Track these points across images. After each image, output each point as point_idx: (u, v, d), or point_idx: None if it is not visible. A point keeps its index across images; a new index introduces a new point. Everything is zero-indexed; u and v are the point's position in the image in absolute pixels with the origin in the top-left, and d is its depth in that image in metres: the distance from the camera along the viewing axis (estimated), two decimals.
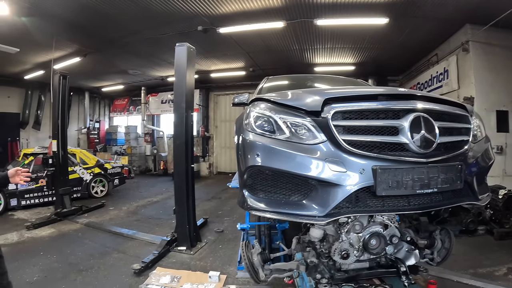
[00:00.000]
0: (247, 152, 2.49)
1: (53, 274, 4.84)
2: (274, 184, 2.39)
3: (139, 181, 13.18)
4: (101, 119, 18.45)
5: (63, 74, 8.00)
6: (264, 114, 2.53)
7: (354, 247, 2.51)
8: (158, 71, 12.91)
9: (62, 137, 7.95)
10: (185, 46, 5.57)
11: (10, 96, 14.48)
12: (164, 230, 6.48)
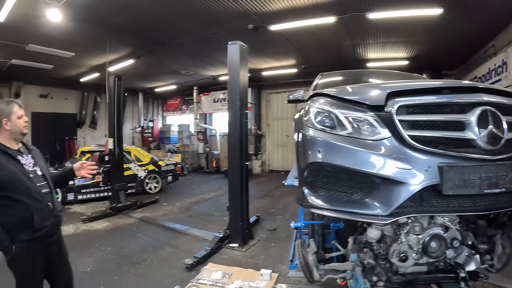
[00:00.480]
0: (308, 148, 2.42)
1: (107, 265, 4.99)
2: (335, 182, 2.32)
3: (192, 178, 13.37)
4: (155, 118, 19.01)
5: (117, 75, 8.31)
6: (324, 109, 2.45)
7: (413, 249, 2.35)
8: (210, 71, 13.02)
9: (118, 136, 8.26)
10: (237, 44, 5.55)
11: (68, 98, 15.30)
12: (216, 227, 6.52)
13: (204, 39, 8.73)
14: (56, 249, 2.69)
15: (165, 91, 17.15)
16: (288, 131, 14.74)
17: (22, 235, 2.42)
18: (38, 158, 2.76)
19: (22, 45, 8.86)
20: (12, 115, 2.59)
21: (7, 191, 2.40)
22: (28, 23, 7.42)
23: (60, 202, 2.82)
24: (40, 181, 2.60)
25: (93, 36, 8.47)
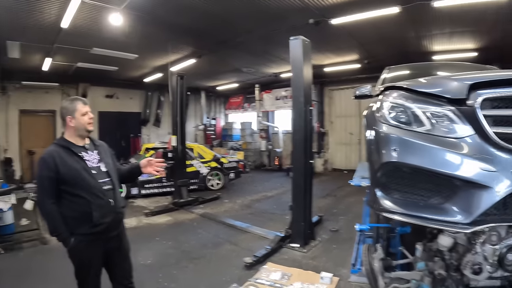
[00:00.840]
0: (382, 146, 2.24)
1: (166, 259, 5.10)
2: (411, 184, 2.11)
3: (254, 175, 13.37)
4: (217, 116, 19.26)
5: (180, 74, 8.52)
6: (399, 104, 2.25)
7: (487, 261, 2.05)
8: (272, 68, 12.92)
9: (181, 133, 8.45)
10: (299, 39, 5.39)
11: (132, 97, 15.96)
12: (277, 226, 6.37)
13: (265, 36, 8.62)
14: (116, 244, 2.75)
15: (227, 89, 17.34)
16: (351, 129, 14.27)
17: (81, 228, 2.51)
18: (104, 154, 2.80)
19: (86, 49, 9.30)
20: (76, 113, 2.63)
21: (69, 186, 2.50)
22: (91, 28, 7.75)
23: (123, 198, 2.86)
24: (102, 177, 2.65)
25: (155, 38, 8.68)
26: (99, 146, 2.82)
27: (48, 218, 2.56)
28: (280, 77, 13.99)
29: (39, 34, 7.97)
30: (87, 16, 7.04)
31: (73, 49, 9.26)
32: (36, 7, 6.53)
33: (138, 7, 6.64)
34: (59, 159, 2.50)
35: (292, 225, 5.54)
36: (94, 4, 6.41)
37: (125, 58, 10.18)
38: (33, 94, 12.90)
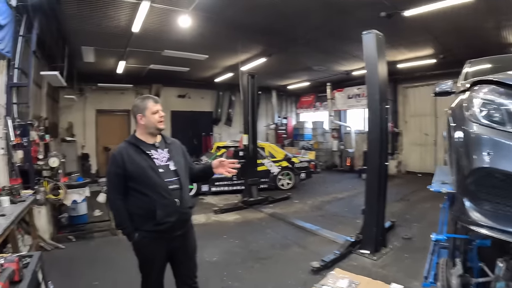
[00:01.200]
0: (472, 149, 1.97)
1: (233, 257, 5.16)
2: (504, 194, 1.83)
3: (325, 176, 13.12)
4: (288, 116, 19.19)
5: (251, 73, 8.60)
6: (491, 100, 1.95)
7: None
8: (343, 65, 12.49)
9: (252, 132, 8.53)
10: (372, 33, 5.10)
11: (204, 97, 16.58)
12: (347, 229, 6.14)
13: (335, 32, 8.33)
14: (180, 243, 2.74)
15: (298, 88, 17.14)
16: (426, 129, 13.27)
17: (145, 225, 2.57)
18: (175, 152, 2.79)
19: (158, 52, 9.73)
20: (146, 111, 2.67)
21: (135, 184, 2.56)
22: (161, 31, 8.03)
23: (192, 199, 2.85)
24: (170, 176, 2.64)
25: (224, 38, 8.77)
26: (171, 144, 2.82)
27: (115, 213, 2.75)
28: (352, 75, 13.49)
29: (112, 39, 8.49)
30: (157, 20, 7.31)
31: (145, 52, 9.74)
32: (108, 14, 6.96)
33: (206, 8, 6.71)
34: (127, 157, 2.58)
35: (364, 230, 5.27)
36: (162, 8, 6.63)
37: (195, 59, 10.50)
38: (109, 95, 14.06)
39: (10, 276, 1.91)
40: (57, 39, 7.96)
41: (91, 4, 6.41)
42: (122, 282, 4.30)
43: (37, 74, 7.77)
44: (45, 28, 7.08)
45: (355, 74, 13.09)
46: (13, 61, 5.83)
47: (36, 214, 5.53)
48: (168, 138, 2.89)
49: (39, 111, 9.02)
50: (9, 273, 1.90)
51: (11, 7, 5.38)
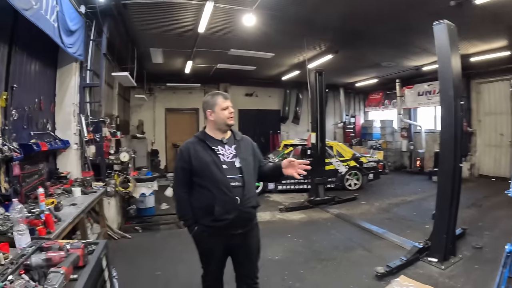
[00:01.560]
0: None
1: (295, 257, 5.11)
2: None
3: (393, 177, 12.55)
4: (356, 114, 18.65)
5: (318, 71, 8.49)
6: None
7: None
8: (412, 61, 11.74)
9: (321, 130, 8.42)
10: (443, 24, 4.69)
11: (271, 95, 16.62)
12: (415, 235, 5.79)
13: (402, 26, 7.85)
14: (241, 242, 2.71)
15: (366, 85, 16.51)
16: (501, 129, 11.96)
17: (204, 220, 2.61)
18: (244, 149, 2.77)
19: (224, 51, 9.86)
20: (216, 107, 2.69)
21: (199, 178, 2.62)
22: (226, 30, 8.10)
23: (257, 198, 2.79)
24: (233, 173, 2.62)
25: (289, 35, 8.64)
26: (240, 141, 2.81)
27: (178, 204, 2.82)
28: (422, 71, 12.61)
29: (178, 40, 8.77)
30: (221, 20, 7.40)
31: (212, 51, 9.92)
32: (174, 16, 7.19)
33: (270, 6, 6.66)
34: (193, 151, 2.64)
35: (433, 236, 4.92)
36: (226, 8, 6.69)
37: (261, 57, 10.48)
38: (177, 95, 14.78)
39: (75, 261, 1.99)
40: (126, 42, 8.43)
41: (157, 8, 6.66)
42: (184, 274, 4.45)
43: (109, 75, 8.31)
44: (114, 32, 7.53)
45: (426, 69, 12.25)
46: (85, 63, 6.33)
47: (105, 205, 5.92)
48: (238, 134, 2.88)
49: (111, 109, 9.63)
50: (74, 258, 1.99)
51: (81, 13, 5.86)
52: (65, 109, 5.83)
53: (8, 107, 4.01)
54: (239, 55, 10.21)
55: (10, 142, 3.91)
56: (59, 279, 1.70)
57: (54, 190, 4.76)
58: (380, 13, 7.14)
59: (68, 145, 5.73)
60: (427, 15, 6.28)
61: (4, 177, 3.84)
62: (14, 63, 4.19)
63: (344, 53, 10.17)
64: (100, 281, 2.25)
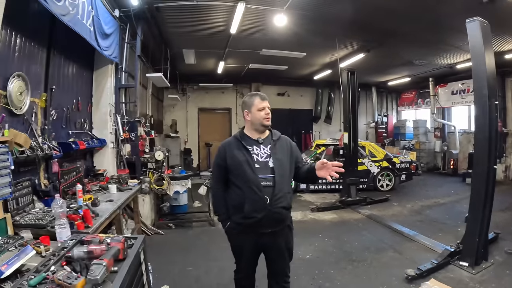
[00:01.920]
0: None
1: (326, 257, 5.09)
2: None
3: (426, 179, 12.24)
4: (389, 114, 18.25)
5: (350, 70, 8.42)
6: None
7: None
8: (445, 58, 11.35)
9: (353, 130, 8.35)
10: (476, 21, 4.54)
11: (303, 95, 16.55)
12: (446, 238, 5.65)
13: (433, 23, 7.59)
14: (271, 241, 2.73)
15: (399, 84, 16.11)
16: None
17: (235, 216, 2.69)
18: (279, 149, 2.76)
19: (256, 51, 9.92)
20: (253, 107, 2.72)
21: (233, 176, 2.69)
22: (258, 31, 8.15)
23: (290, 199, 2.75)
24: (265, 173, 2.63)
25: (320, 35, 8.59)
26: (277, 141, 2.81)
27: (213, 200, 2.97)
28: (455, 69, 12.18)
29: (210, 41, 8.92)
30: (253, 20, 7.47)
31: (244, 52, 10.02)
32: (206, 18, 7.34)
33: (301, 6, 6.66)
34: (228, 150, 2.72)
35: (465, 239, 4.76)
36: (257, 8, 6.74)
37: (293, 57, 10.48)
38: (210, 95, 15.01)
39: (116, 254, 2.11)
40: (159, 43, 8.65)
41: (189, 10, 6.79)
42: (214, 270, 4.54)
43: (143, 76, 8.56)
44: (148, 34, 7.77)
45: (459, 67, 11.81)
46: (121, 65, 6.61)
47: (140, 201, 6.11)
48: (276, 134, 2.88)
49: (145, 109, 9.90)
50: (115, 252, 2.11)
51: (115, 17, 6.12)
52: (101, 109, 6.11)
53: (48, 108, 4.27)
54: (271, 55, 10.24)
55: (50, 140, 4.15)
56: (101, 271, 1.80)
57: (91, 187, 4.99)
58: (410, 11, 7.02)
59: (104, 143, 6.01)
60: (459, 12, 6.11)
61: (44, 173, 4.08)
62: (53, 66, 4.47)
63: (375, 52, 10.01)
64: (138, 274, 2.36)
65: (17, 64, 3.61)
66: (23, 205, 3.39)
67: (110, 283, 1.83)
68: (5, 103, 3.31)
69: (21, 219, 3.16)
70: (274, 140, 2.78)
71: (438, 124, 14.57)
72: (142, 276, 2.46)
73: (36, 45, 4.04)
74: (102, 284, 1.79)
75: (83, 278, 1.76)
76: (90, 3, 4.62)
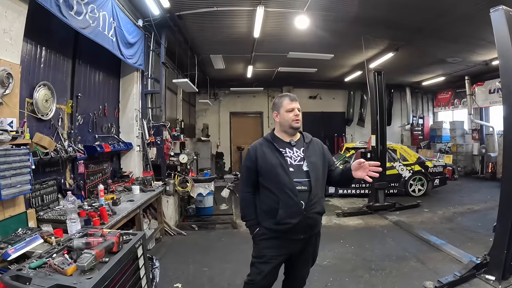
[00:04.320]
0: None
1: (343, 264, 4.97)
2: None
3: (462, 183, 11.73)
4: (425, 115, 17.67)
5: (377, 70, 8.26)
6: None
7: None
8: (480, 55, 10.85)
9: (381, 132, 8.18)
10: (500, 10, 4.17)
11: (335, 97, 16.46)
12: (477, 248, 5.32)
13: (464, 16, 7.28)
14: (298, 247, 2.66)
15: (433, 84, 15.54)
16: None
17: (266, 222, 2.60)
18: (312, 152, 2.68)
19: (283, 54, 9.99)
20: (281, 109, 2.67)
21: (264, 180, 2.61)
22: (281, 33, 8.22)
23: (323, 204, 2.69)
24: (300, 177, 2.54)
25: (345, 35, 8.54)
26: (309, 144, 2.73)
27: (242, 204, 2.80)
28: (491, 65, 11.48)
29: (236, 46, 9.13)
30: (275, 23, 7.56)
31: (271, 55, 10.15)
32: (227, 23, 7.57)
33: (322, 6, 6.68)
34: (260, 152, 2.64)
35: (492, 251, 4.42)
36: (277, 11, 6.84)
37: (321, 59, 10.50)
38: (241, 99, 15.32)
39: (109, 246, 2.28)
40: (186, 49, 8.89)
41: (210, 16, 7.01)
42: (229, 273, 4.59)
43: (172, 82, 8.85)
44: (173, 41, 8.07)
45: (495, 64, 11.03)
46: (146, 72, 6.92)
47: (164, 202, 6.38)
48: (308, 137, 2.80)
49: (175, 114, 10.22)
50: (108, 244, 2.28)
51: (139, 27, 6.43)
52: (128, 114, 6.45)
53: (74, 114, 4.60)
54: (299, 58, 10.28)
55: (76, 144, 4.46)
56: (89, 259, 2.00)
57: (116, 187, 5.30)
58: (438, 5, 6.82)
59: (131, 147, 6.34)
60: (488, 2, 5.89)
61: (70, 174, 4.39)
62: (78, 74, 4.82)
63: (405, 51, 9.78)
64: (133, 267, 2.51)
65: (43, 74, 3.95)
66: (47, 202, 3.73)
67: (97, 270, 2.01)
68: (32, 110, 3.61)
69: (44, 214, 3.50)
70: (307, 143, 2.71)
71: (475, 125, 13.94)
72: (138, 270, 2.59)
73: (61, 56, 4.38)
74: (89, 271, 1.98)
75: (74, 265, 1.98)
76: (111, 15, 4.90)
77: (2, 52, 2.85)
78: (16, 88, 3.00)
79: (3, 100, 2.81)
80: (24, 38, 3.21)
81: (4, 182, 2.66)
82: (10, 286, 1.89)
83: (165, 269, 4.44)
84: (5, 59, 2.85)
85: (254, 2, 6.43)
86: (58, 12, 3.47)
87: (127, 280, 2.35)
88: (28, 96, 3.58)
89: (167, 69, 8.15)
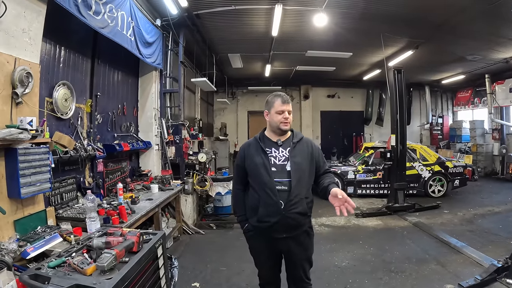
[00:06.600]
0: None
1: (362, 265, 4.90)
2: None
3: (482, 184, 11.46)
4: (444, 114, 17.29)
5: (396, 68, 8.11)
6: None
7: None
8: (500, 52, 10.50)
9: (401, 132, 8.04)
10: None
11: (353, 96, 16.25)
12: (497, 251, 5.19)
13: (484, 12, 7.05)
14: (284, 247, 2.68)
15: (453, 82, 15.18)
16: None
17: (252, 219, 2.68)
18: (299, 152, 2.63)
19: (301, 53, 9.93)
20: (272, 109, 2.63)
21: (250, 178, 2.69)
22: (299, 32, 8.16)
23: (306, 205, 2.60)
24: (281, 177, 2.54)
25: (364, 33, 8.42)
26: (298, 143, 2.67)
27: (233, 201, 2.99)
28: None
29: (254, 45, 9.10)
30: (293, 21, 7.50)
31: (289, 54, 10.08)
32: (246, 22, 7.54)
33: (340, 4, 6.62)
34: (247, 152, 2.70)
35: None
36: (296, 9, 6.78)
37: (340, 57, 10.38)
38: (259, 98, 15.13)
39: (129, 246, 2.28)
40: (204, 49, 8.89)
41: (228, 15, 6.99)
42: (247, 272, 4.56)
43: (190, 81, 8.87)
44: (191, 40, 8.09)
45: None
46: (165, 71, 6.95)
47: (182, 201, 6.40)
48: (298, 136, 2.74)
49: (194, 113, 10.24)
50: (128, 244, 2.27)
51: (157, 26, 6.47)
52: (146, 113, 6.49)
53: (93, 113, 4.63)
54: (317, 56, 10.21)
55: (95, 142, 4.49)
56: (109, 259, 1.99)
57: (134, 186, 5.33)
58: (456, 1, 6.68)
59: (149, 146, 6.36)
60: None
61: (89, 172, 4.42)
62: (97, 74, 4.85)
63: (424, 48, 9.59)
64: (153, 267, 2.50)
65: (62, 74, 3.99)
66: (67, 200, 3.77)
67: (117, 270, 2.00)
68: (51, 109, 3.65)
69: (63, 212, 3.53)
70: (294, 143, 2.65)
71: (496, 124, 13.55)
72: (158, 269, 2.59)
73: (80, 56, 4.42)
74: (109, 271, 1.97)
75: (94, 265, 1.97)
76: (130, 14, 4.93)
77: (22, 52, 2.88)
78: (36, 87, 3.03)
79: (22, 99, 2.84)
80: (43, 38, 3.24)
81: (23, 181, 2.69)
82: (28, 285, 1.88)
83: (183, 268, 4.45)
84: (24, 59, 2.89)
85: (272, 1, 6.38)
86: (77, 11, 3.50)
87: (147, 280, 2.34)
88: (48, 96, 3.63)
89: (186, 68, 8.15)
